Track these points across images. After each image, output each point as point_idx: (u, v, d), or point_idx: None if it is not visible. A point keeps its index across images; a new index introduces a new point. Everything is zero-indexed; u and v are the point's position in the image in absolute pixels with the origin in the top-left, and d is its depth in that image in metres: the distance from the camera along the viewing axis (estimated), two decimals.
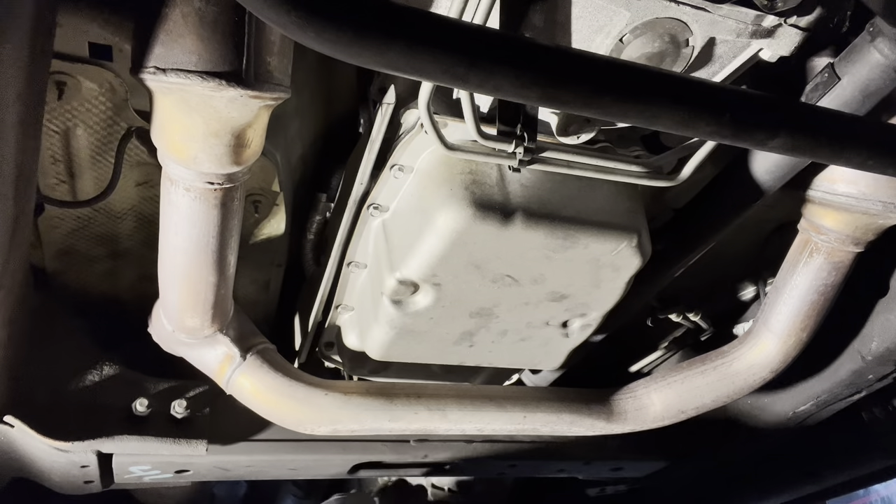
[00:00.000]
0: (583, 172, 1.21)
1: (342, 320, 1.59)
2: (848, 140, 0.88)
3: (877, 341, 1.70)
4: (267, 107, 0.94)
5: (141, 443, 1.52)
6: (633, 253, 1.31)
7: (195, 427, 1.57)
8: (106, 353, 1.56)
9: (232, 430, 1.64)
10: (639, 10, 0.96)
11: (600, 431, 1.80)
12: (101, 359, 1.54)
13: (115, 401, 1.53)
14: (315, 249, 1.57)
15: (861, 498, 4.70)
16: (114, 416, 1.52)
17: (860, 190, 1.35)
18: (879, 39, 1.03)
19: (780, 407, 1.99)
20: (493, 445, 1.92)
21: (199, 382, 1.58)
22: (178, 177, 1.02)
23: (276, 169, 1.35)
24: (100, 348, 1.56)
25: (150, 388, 1.57)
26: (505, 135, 1.11)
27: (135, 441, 1.51)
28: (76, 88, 1.12)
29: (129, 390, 1.54)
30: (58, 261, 1.46)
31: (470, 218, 1.18)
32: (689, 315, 1.89)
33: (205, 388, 1.59)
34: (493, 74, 0.68)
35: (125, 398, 1.53)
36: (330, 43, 0.62)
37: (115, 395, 1.53)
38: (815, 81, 1.16)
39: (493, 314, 1.38)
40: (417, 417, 1.57)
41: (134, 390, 1.55)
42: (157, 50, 0.85)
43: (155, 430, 1.53)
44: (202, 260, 1.14)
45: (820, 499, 2.53)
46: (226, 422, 1.62)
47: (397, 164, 1.24)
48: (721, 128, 0.80)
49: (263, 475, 1.91)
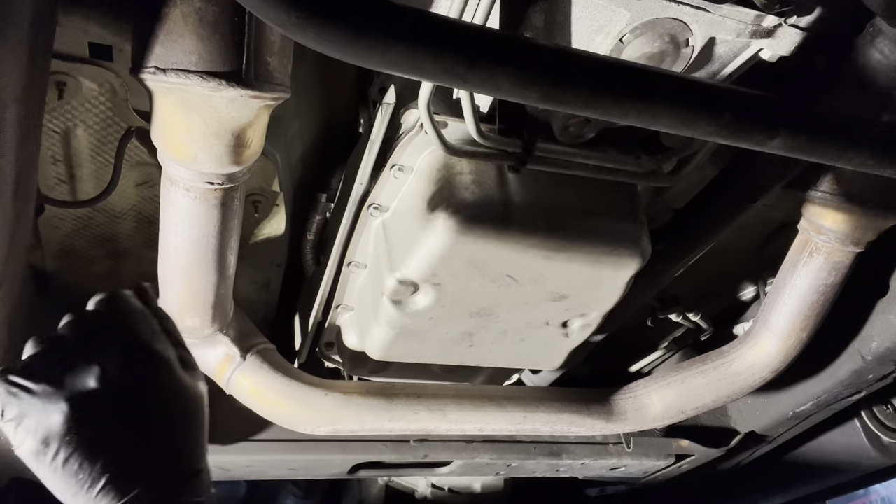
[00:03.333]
0: (583, 172, 1.21)
1: (342, 320, 1.59)
2: (848, 140, 0.88)
3: (877, 341, 1.70)
4: (267, 107, 0.94)
5: None
6: (633, 253, 1.31)
7: None
8: None
9: (232, 430, 1.64)
10: (639, 10, 0.96)
11: (600, 431, 1.80)
12: None
13: None
14: (315, 249, 1.57)
15: (861, 498, 4.70)
16: None
17: (860, 190, 1.35)
18: (879, 39, 1.03)
19: (780, 407, 1.99)
20: (493, 445, 1.92)
21: None
22: (178, 177, 1.02)
23: (276, 169, 1.35)
24: None
25: None
26: (505, 135, 1.11)
27: None
28: (76, 88, 1.12)
29: None
30: (58, 261, 1.46)
31: (470, 218, 1.18)
32: (689, 315, 1.89)
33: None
34: (493, 74, 0.68)
35: None
36: (330, 43, 0.62)
37: None
38: (815, 81, 1.16)
39: (493, 314, 1.38)
40: (417, 417, 1.57)
41: None
42: (156, 50, 0.85)
43: None
44: (202, 260, 1.14)
45: (820, 499, 2.53)
46: (226, 422, 1.62)
47: (397, 164, 1.24)
48: (721, 128, 0.80)
49: (263, 475, 1.91)
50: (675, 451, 2.12)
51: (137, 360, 0.94)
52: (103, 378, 0.90)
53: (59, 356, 0.91)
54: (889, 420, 2.10)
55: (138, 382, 0.93)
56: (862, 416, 2.14)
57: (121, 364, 0.92)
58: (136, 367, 0.93)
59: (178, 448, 0.94)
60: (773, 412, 2.02)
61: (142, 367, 0.94)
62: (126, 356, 0.93)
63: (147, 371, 0.95)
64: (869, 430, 2.13)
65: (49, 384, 0.87)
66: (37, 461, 0.85)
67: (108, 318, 0.97)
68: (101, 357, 0.91)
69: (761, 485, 2.46)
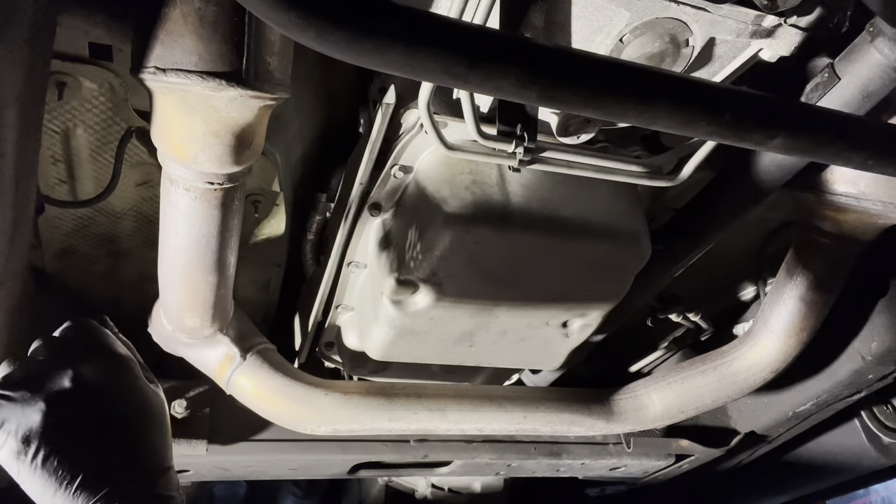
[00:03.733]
0: (583, 172, 1.21)
1: (342, 320, 1.59)
2: (848, 140, 0.88)
3: (877, 341, 1.70)
4: (267, 107, 0.94)
5: None
6: (633, 253, 1.31)
7: (195, 427, 1.57)
8: None
9: (232, 430, 1.64)
10: (639, 10, 0.96)
11: (600, 431, 1.80)
12: None
13: None
14: (315, 249, 1.57)
15: (861, 498, 4.70)
16: None
17: (860, 190, 1.35)
18: (879, 39, 1.03)
19: (780, 407, 1.99)
20: (493, 445, 1.92)
21: (199, 382, 1.58)
22: (178, 177, 1.02)
23: (276, 169, 1.35)
24: None
25: None
26: (505, 135, 1.11)
27: None
28: (76, 88, 1.12)
29: None
30: (58, 261, 1.46)
31: (470, 218, 1.18)
32: (689, 315, 1.89)
33: (205, 388, 1.59)
34: (493, 74, 0.68)
35: None
36: (330, 43, 0.62)
37: None
38: (815, 81, 1.16)
39: (493, 314, 1.38)
40: (417, 417, 1.57)
41: None
42: (156, 50, 0.85)
43: None
44: (202, 260, 1.14)
45: (820, 499, 2.53)
46: (226, 422, 1.62)
47: (397, 164, 1.24)
48: (721, 128, 0.80)
49: (263, 475, 1.91)
50: (675, 451, 2.12)
51: (106, 367, 1.02)
52: (76, 379, 0.96)
53: (35, 367, 0.98)
54: (889, 420, 2.10)
55: (109, 385, 1.00)
56: (862, 416, 2.14)
57: (92, 369, 0.99)
58: (105, 373, 1.01)
59: (147, 446, 1.00)
60: (773, 412, 2.02)
61: (110, 373, 1.02)
62: (96, 363, 1.01)
63: (115, 376, 1.02)
64: (869, 430, 2.13)
65: (27, 390, 0.93)
66: (17, 462, 0.89)
67: (77, 335, 1.06)
68: (73, 363, 0.98)
69: (761, 485, 2.46)
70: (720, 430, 2.15)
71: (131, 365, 1.06)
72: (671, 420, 1.82)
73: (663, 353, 2.12)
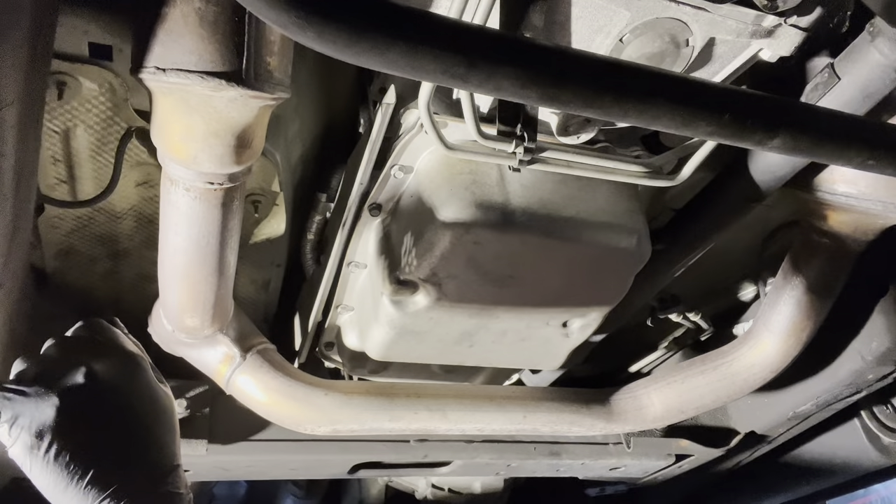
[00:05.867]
0: (583, 172, 1.21)
1: (342, 320, 1.59)
2: (848, 140, 0.88)
3: (877, 341, 1.70)
4: (267, 107, 0.94)
5: None
6: (633, 253, 1.31)
7: (195, 427, 1.57)
8: None
9: (232, 430, 1.64)
10: (639, 10, 0.96)
11: (600, 431, 1.80)
12: None
13: None
14: (315, 249, 1.57)
15: (861, 498, 4.70)
16: None
17: (860, 190, 1.35)
18: (879, 39, 1.03)
19: (780, 407, 1.99)
20: (493, 445, 1.92)
21: (199, 382, 1.58)
22: (178, 177, 1.02)
23: (276, 169, 1.35)
24: None
25: None
26: (505, 135, 1.11)
27: None
28: (76, 88, 1.12)
29: None
30: (58, 261, 1.46)
31: (470, 218, 1.18)
32: (689, 315, 1.89)
33: (205, 388, 1.59)
34: (493, 74, 0.68)
35: None
36: (330, 43, 0.62)
37: None
38: (815, 81, 1.16)
39: (493, 314, 1.38)
40: (417, 417, 1.57)
41: None
42: (156, 50, 0.85)
43: None
44: (202, 260, 1.14)
45: (820, 499, 2.53)
46: (226, 422, 1.62)
47: (397, 164, 1.24)
48: (721, 128, 0.80)
49: (263, 475, 1.91)
50: (675, 451, 2.12)
51: (118, 365, 1.03)
52: (90, 376, 0.97)
53: (49, 364, 0.98)
54: (889, 420, 2.10)
55: (121, 382, 1.01)
56: (862, 416, 2.14)
57: (104, 367, 0.99)
58: (117, 370, 1.01)
59: (158, 443, 1.01)
60: (773, 412, 2.02)
61: (123, 371, 1.02)
62: (109, 361, 1.01)
63: (128, 374, 1.03)
64: (869, 430, 2.13)
65: (41, 385, 0.93)
66: (30, 457, 0.90)
67: (90, 334, 1.07)
68: (86, 360, 0.98)
69: (761, 485, 2.46)
70: (720, 430, 2.15)
71: (143, 364, 1.06)
72: (671, 420, 1.82)
73: (663, 353, 2.12)
